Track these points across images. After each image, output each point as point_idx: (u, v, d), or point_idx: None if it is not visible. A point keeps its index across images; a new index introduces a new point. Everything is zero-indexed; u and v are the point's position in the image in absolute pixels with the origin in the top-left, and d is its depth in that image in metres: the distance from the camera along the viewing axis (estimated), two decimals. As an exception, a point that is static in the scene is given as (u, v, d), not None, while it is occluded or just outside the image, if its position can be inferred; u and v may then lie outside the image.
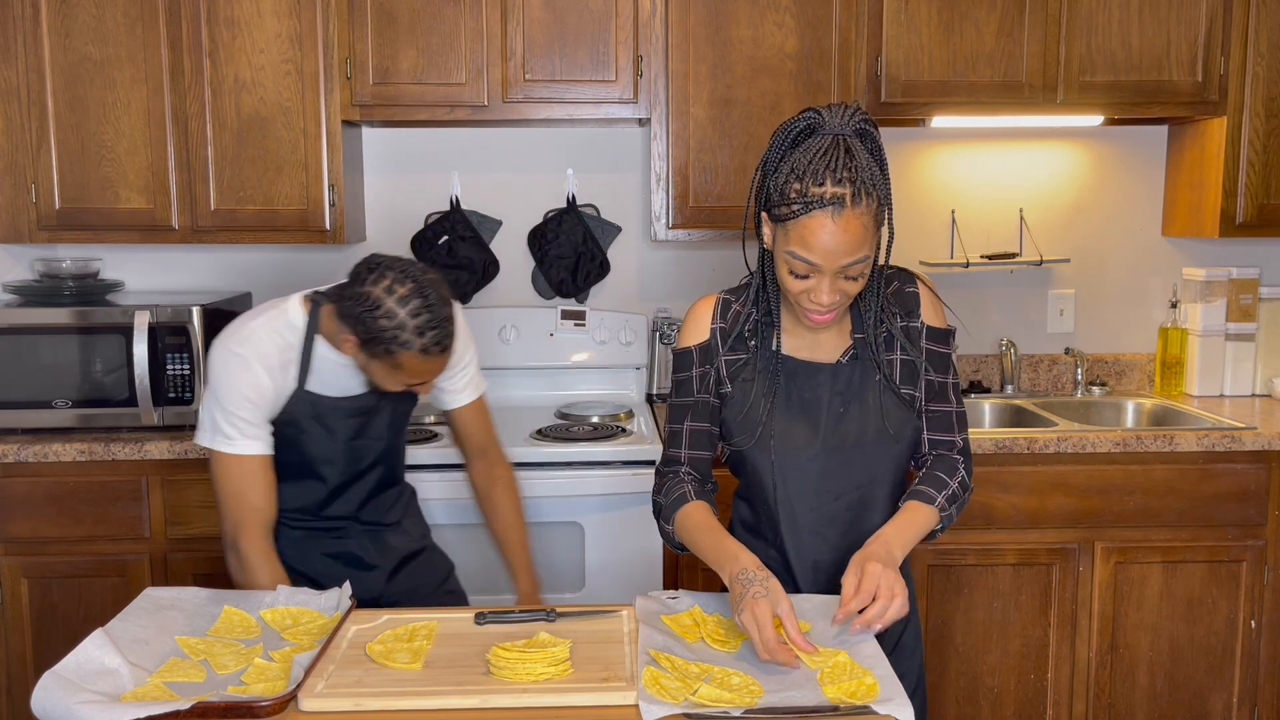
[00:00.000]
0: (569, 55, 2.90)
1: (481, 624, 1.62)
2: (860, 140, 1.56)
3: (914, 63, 2.94)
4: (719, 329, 1.75)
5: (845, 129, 1.55)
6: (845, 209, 1.51)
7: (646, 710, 1.32)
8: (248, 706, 1.32)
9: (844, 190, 1.51)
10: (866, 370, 1.70)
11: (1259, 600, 2.81)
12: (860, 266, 1.55)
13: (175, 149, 2.88)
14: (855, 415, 1.69)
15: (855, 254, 1.53)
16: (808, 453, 1.69)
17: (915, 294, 1.73)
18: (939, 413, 1.74)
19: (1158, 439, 2.75)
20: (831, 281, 1.56)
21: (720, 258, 3.33)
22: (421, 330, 1.77)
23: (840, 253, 1.53)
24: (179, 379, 2.76)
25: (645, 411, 3.09)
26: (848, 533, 1.71)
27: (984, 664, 2.81)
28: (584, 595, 2.72)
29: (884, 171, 1.57)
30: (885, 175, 1.57)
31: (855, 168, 1.51)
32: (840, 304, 1.60)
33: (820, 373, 1.71)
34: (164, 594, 1.69)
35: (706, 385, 1.75)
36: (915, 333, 1.72)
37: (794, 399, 1.71)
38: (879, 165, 1.57)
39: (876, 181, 1.54)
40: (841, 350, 1.72)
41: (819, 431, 1.69)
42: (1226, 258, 3.36)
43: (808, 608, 1.62)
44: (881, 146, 1.59)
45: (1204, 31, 2.95)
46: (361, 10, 2.85)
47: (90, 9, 2.82)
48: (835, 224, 1.51)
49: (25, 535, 2.69)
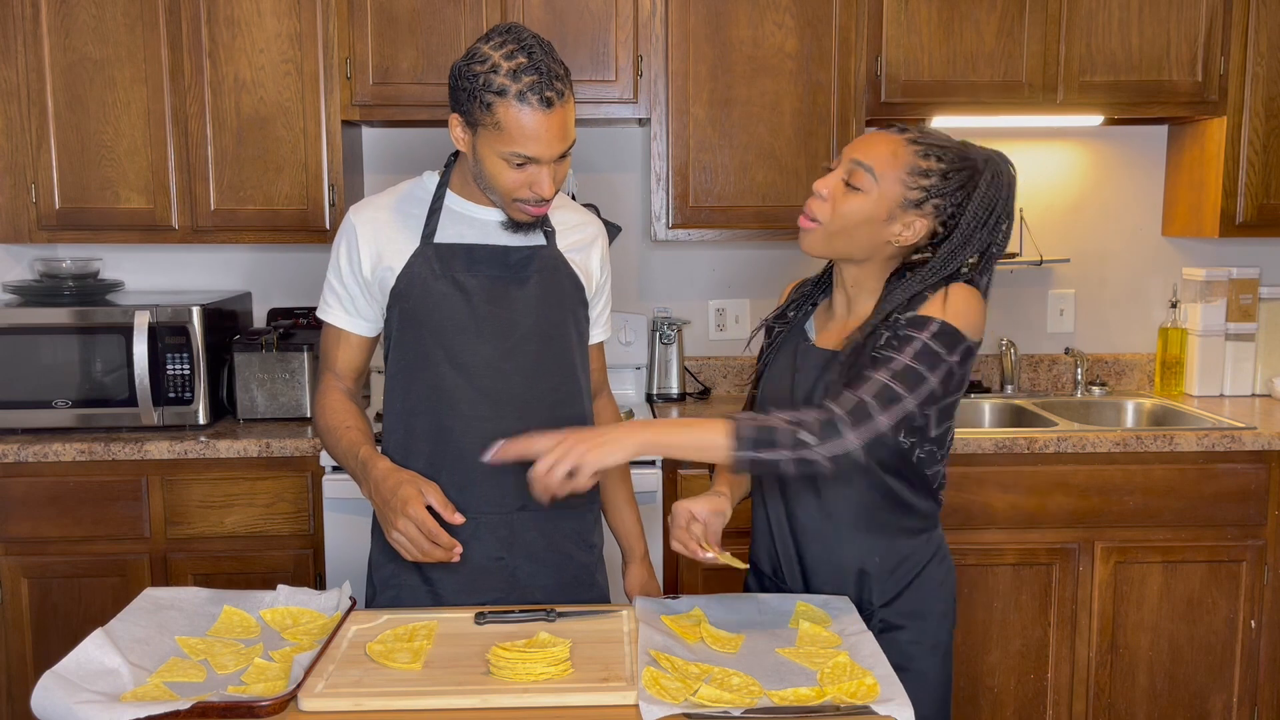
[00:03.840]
0: (569, 55, 2.90)
1: (481, 624, 1.62)
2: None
3: (914, 63, 2.94)
4: (783, 307, 1.83)
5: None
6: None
7: (646, 710, 1.32)
8: (248, 706, 1.32)
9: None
10: (845, 363, 1.64)
11: (1259, 600, 2.81)
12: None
13: (175, 149, 2.88)
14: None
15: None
16: None
17: (926, 296, 1.61)
18: (871, 381, 1.53)
19: (1158, 439, 2.75)
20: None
21: (720, 257, 3.33)
22: (517, 73, 1.62)
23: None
24: (179, 379, 2.76)
25: (645, 411, 3.09)
26: (822, 523, 1.72)
27: (984, 664, 2.81)
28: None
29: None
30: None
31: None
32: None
33: (816, 356, 1.72)
34: (164, 594, 1.68)
35: (760, 358, 1.85)
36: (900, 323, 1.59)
37: (787, 377, 1.74)
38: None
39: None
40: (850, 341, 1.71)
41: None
42: (1226, 258, 3.36)
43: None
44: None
45: (1204, 31, 2.95)
46: (361, 10, 2.85)
47: (90, 9, 2.82)
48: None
49: (25, 535, 2.69)
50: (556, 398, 1.85)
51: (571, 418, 1.85)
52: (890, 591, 1.72)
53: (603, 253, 1.96)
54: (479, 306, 1.80)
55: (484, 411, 1.80)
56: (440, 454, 1.82)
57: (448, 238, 1.82)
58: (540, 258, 1.84)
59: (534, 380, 1.83)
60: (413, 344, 1.82)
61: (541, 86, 1.63)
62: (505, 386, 1.81)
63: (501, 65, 1.63)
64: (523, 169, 1.69)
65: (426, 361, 1.81)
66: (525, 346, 1.82)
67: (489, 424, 1.79)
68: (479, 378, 1.80)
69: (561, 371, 1.86)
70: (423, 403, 1.83)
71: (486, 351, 1.80)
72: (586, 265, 1.90)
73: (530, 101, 1.63)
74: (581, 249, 1.90)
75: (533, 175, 1.70)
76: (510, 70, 1.62)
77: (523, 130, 1.65)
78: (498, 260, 1.82)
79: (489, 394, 1.81)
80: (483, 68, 1.64)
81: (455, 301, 1.79)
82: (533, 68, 1.62)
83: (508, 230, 1.81)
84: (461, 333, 1.80)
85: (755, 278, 3.33)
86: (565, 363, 1.86)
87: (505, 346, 1.81)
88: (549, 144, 1.67)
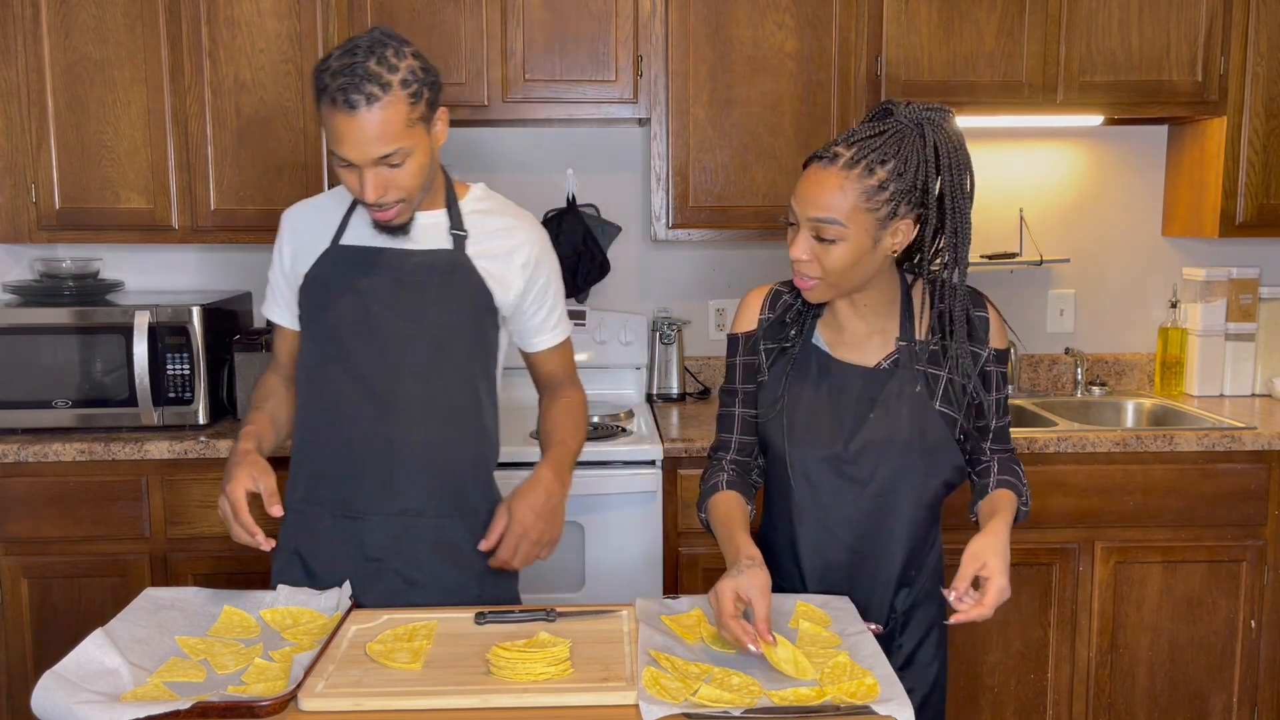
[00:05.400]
0: (569, 55, 2.90)
1: (481, 624, 1.62)
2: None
3: (914, 63, 2.94)
4: (765, 319, 1.77)
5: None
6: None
7: (646, 710, 1.32)
8: (248, 706, 1.32)
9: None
10: (906, 380, 1.67)
11: (1259, 600, 2.81)
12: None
13: (175, 149, 2.88)
14: (884, 422, 1.67)
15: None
16: (828, 451, 1.68)
17: (985, 319, 1.71)
18: (1003, 426, 1.76)
19: (1158, 439, 2.75)
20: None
21: (720, 257, 3.33)
22: (336, 73, 1.61)
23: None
24: (179, 379, 2.76)
25: (645, 411, 3.09)
26: (862, 537, 1.71)
27: (984, 664, 2.81)
28: (584, 595, 2.72)
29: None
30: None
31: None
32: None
33: (853, 373, 1.70)
34: (164, 594, 1.69)
35: (749, 374, 1.77)
36: (978, 359, 1.70)
37: (822, 395, 1.70)
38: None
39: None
40: (884, 354, 1.70)
41: (842, 431, 1.68)
42: (1226, 258, 3.35)
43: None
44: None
45: (1204, 31, 2.95)
46: (361, 10, 2.85)
47: (90, 9, 2.82)
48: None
49: (25, 535, 2.69)
50: (451, 405, 1.84)
51: (466, 428, 1.86)
52: (915, 594, 1.75)
53: (531, 259, 1.88)
54: (375, 310, 1.80)
55: (375, 414, 1.82)
56: (333, 454, 1.85)
57: (355, 240, 1.84)
58: (443, 263, 1.82)
59: (427, 387, 1.82)
60: (312, 345, 1.86)
61: (349, 88, 1.60)
62: (397, 392, 1.81)
63: (331, 66, 1.63)
64: (348, 170, 1.69)
65: (322, 363, 1.84)
66: (419, 352, 1.81)
67: (380, 427, 1.81)
68: (372, 382, 1.81)
69: (457, 380, 1.84)
70: (318, 403, 1.86)
71: (379, 356, 1.81)
72: (502, 273, 1.85)
73: (338, 102, 1.62)
74: (499, 256, 1.85)
75: (356, 177, 1.69)
76: (332, 70, 1.63)
77: (335, 131, 1.65)
78: (398, 264, 1.81)
79: (380, 398, 1.81)
80: (321, 67, 1.65)
81: (352, 305, 1.81)
82: (349, 69, 1.61)
83: (377, 231, 1.80)
84: (355, 337, 1.81)
85: (755, 278, 3.32)
86: (462, 371, 1.85)
87: (398, 351, 1.81)
88: (357, 146, 1.64)
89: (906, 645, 1.74)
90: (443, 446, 1.84)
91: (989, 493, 1.71)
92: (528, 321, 1.92)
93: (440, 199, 1.85)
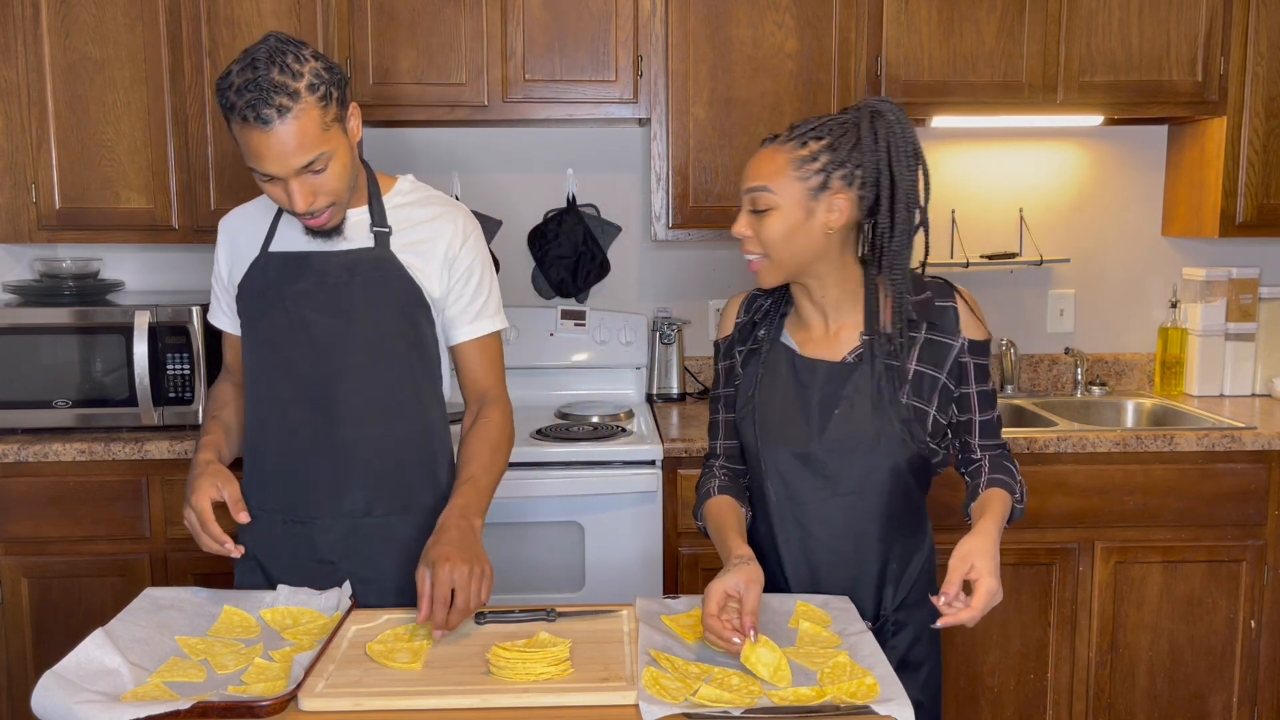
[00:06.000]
0: (569, 55, 2.90)
1: (481, 624, 1.62)
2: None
3: (914, 63, 2.94)
4: (741, 323, 1.80)
5: None
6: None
7: (646, 710, 1.32)
8: (248, 706, 1.32)
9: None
10: (872, 373, 1.67)
11: (1259, 600, 2.81)
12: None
13: (175, 149, 2.88)
14: (852, 417, 1.67)
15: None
16: (800, 449, 1.69)
17: (952, 309, 1.71)
18: (989, 420, 1.76)
19: (1157, 439, 2.75)
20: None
21: (720, 257, 3.33)
22: (241, 90, 1.59)
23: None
24: (179, 379, 2.76)
25: (645, 411, 3.09)
26: (839, 536, 1.71)
27: (984, 664, 2.81)
28: (584, 595, 2.72)
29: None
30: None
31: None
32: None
33: (819, 369, 1.70)
34: (164, 594, 1.69)
35: (730, 378, 1.80)
36: (948, 350, 1.70)
37: (791, 393, 1.71)
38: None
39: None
40: (850, 349, 1.71)
41: (811, 428, 1.69)
42: (1226, 258, 3.36)
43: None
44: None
45: (1204, 32, 2.95)
46: (361, 10, 2.85)
47: (90, 9, 2.82)
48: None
49: (25, 535, 2.69)
50: (390, 405, 1.84)
51: (409, 425, 1.86)
52: (902, 593, 1.74)
53: (454, 247, 1.85)
54: (307, 315, 1.80)
55: (316, 418, 1.82)
56: (279, 460, 1.86)
57: (284, 245, 1.84)
58: (366, 261, 1.81)
59: (365, 386, 1.82)
60: (251, 352, 1.87)
61: (259, 104, 1.59)
62: (336, 394, 1.81)
63: (234, 82, 1.61)
64: (271, 183, 1.69)
65: (263, 370, 1.85)
66: (353, 354, 1.81)
67: (322, 431, 1.82)
68: (310, 386, 1.82)
69: (395, 377, 1.84)
70: (262, 410, 1.87)
71: (315, 360, 1.81)
72: (426, 265, 1.83)
73: (250, 120, 1.61)
74: (420, 250, 1.84)
75: (282, 190, 1.69)
76: (236, 87, 1.61)
77: (252, 148, 1.64)
78: (324, 266, 1.81)
79: (320, 402, 1.81)
80: (223, 85, 1.63)
81: (284, 311, 1.81)
82: (253, 84, 1.59)
83: (312, 237, 1.79)
84: (291, 342, 1.81)
85: (754, 278, 3.32)
86: (399, 370, 1.84)
87: (333, 354, 1.80)
88: (278, 160, 1.64)
89: (899, 647, 1.74)
90: (386, 444, 1.84)
91: (981, 493, 1.70)
92: (447, 311, 1.88)
93: (363, 196, 1.85)
